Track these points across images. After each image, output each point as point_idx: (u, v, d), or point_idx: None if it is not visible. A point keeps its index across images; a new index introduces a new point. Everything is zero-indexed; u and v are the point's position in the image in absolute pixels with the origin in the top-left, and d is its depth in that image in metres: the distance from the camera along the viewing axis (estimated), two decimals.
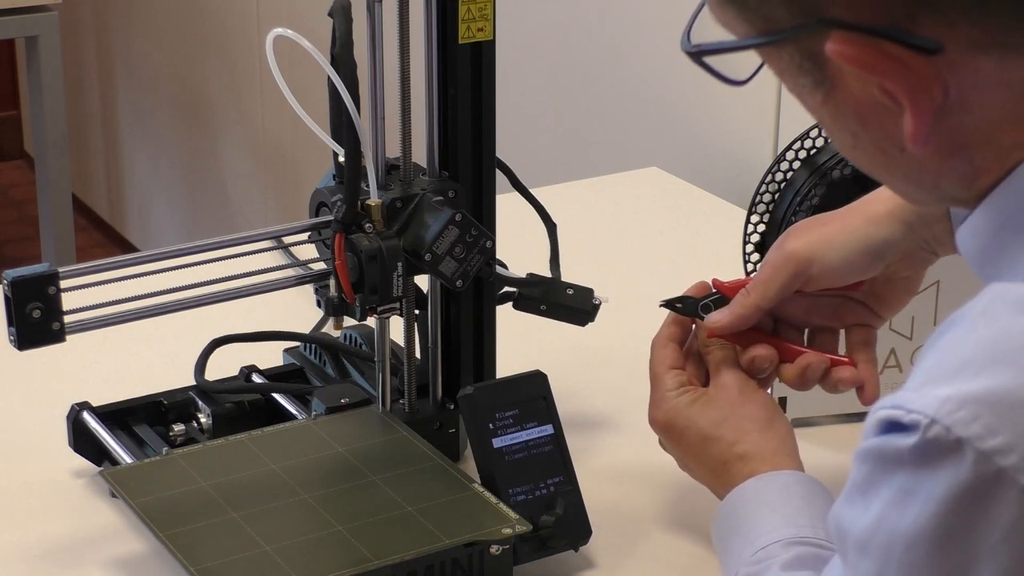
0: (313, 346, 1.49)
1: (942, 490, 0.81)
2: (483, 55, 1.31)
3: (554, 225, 1.42)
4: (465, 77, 1.31)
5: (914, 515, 0.82)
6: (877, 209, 1.23)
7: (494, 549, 1.20)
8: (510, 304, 1.40)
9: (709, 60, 0.93)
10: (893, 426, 0.83)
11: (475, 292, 1.36)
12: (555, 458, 1.28)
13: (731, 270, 1.56)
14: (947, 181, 0.90)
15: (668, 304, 1.29)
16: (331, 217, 1.29)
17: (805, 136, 1.48)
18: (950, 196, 0.92)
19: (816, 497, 1.18)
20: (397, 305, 1.31)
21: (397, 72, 1.30)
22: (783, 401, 1.46)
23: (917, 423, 0.81)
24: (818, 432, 1.46)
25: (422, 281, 1.36)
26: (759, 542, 1.14)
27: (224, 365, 1.45)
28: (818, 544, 1.14)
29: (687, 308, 1.29)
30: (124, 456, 1.33)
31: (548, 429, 1.28)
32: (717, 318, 1.25)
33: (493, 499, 1.25)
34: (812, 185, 1.44)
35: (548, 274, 1.41)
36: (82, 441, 1.37)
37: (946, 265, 1.44)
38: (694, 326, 1.29)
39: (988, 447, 0.79)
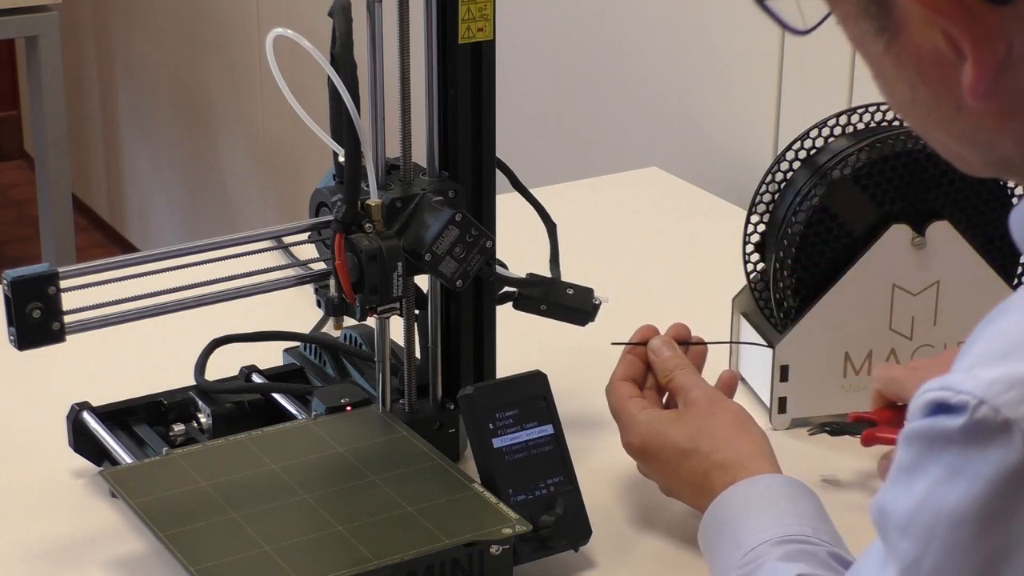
0: (313, 346, 1.49)
1: (990, 470, 0.80)
2: (483, 55, 1.31)
3: (554, 225, 1.42)
4: (465, 77, 1.31)
5: (960, 494, 0.81)
6: None
7: (494, 549, 1.20)
8: (510, 304, 1.40)
9: (772, 5, 0.92)
10: (941, 407, 0.82)
11: (475, 292, 1.36)
12: (555, 458, 1.28)
13: (731, 270, 1.56)
14: (1003, 143, 0.89)
15: (819, 429, 1.38)
16: (331, 217, 1.29)
17: (805, 136, 1.48)
18: (1004, 159, 0.90)
19: (800, 497, 1.19)
20: (397, 305, 1.31)
21: (397, 72, 1.30)
22: (783, 401, 1.46)
23: (965, 404, 0.81)
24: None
25: (422, 281, 1.36)
26: (747, 544, 1.15)
27: (224, 365, 1.45)
28: (806, 540, 1.14)
29: (836, 431, 1.38)
30: (124, 456, 1.33)
31: (548, 429, 1.28)
32: None
33: (493, 499, 1.25)
34: (812, 185, 1.44)
35: (548, 274, 1.41)
36: (82, 441, 1.37)
37: (946, 265, 1.44)
38: (650, 354, 1.33)
39: None
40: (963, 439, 0.81)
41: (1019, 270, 1.49)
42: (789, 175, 1.48)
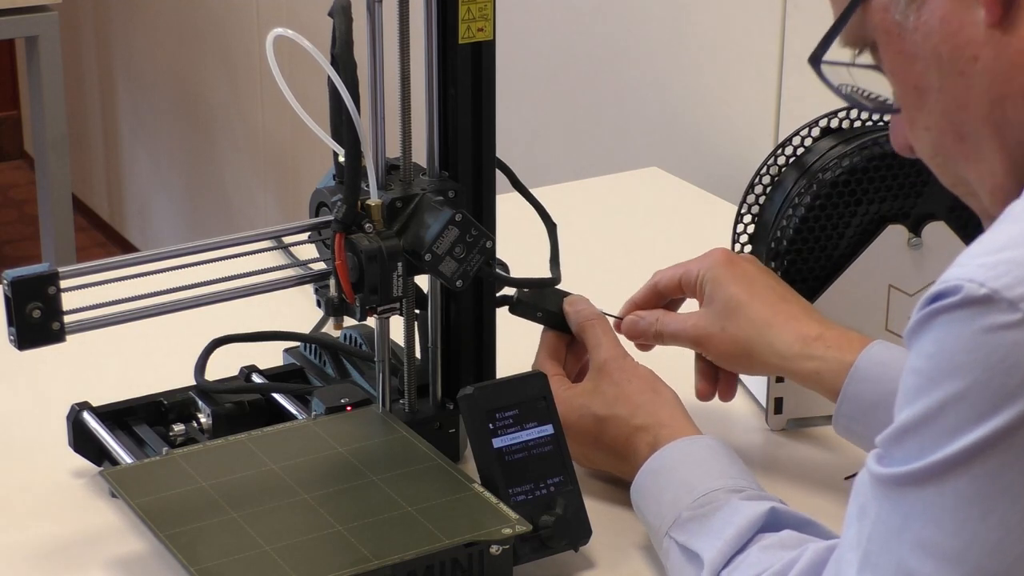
0: (313, 346, 1.49)
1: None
2: (483, 55, 1.31)
3: (554, 225, 1.42)
4: (465, 77, 1.31)
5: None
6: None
7: (494, 549, 1.21)
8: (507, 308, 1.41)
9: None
10: (937, 296, 0.89)
11: (475, 292, 1.36)
12: (555, 458, 1.28)
13: None
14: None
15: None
16: (331, 217, 1.29)
17: (792, 138, 1.48)
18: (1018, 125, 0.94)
19: (737, 457, 1.25)
20: (397, 305, 1.31)
21: (397, 72, 1.30)
22: (779, 402, 1.46)
23: (959, 287, 0.87)
24: (817, 432, 1.46)
25: (422, 281, 1.36)
26: (699, 489, 1.20)
27: (224, 365, 1.45)
28: (759, 490, 1.21)
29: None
30: (124, 456, 1.33)
31: (548, 429, 1.28)
32: None
33: (493, 499, 1.25)
34: (802, 187, 1.44)
35: (548, 274, 1.41)
36: (82, 441, 1.37)
37: (942, 265, 1.44)
38: (566, 306, 1.38)
39: (1015, 295, 0.85)
40: (959, 305, 0.87)
41: None
42: (777, 177, 1.48)
